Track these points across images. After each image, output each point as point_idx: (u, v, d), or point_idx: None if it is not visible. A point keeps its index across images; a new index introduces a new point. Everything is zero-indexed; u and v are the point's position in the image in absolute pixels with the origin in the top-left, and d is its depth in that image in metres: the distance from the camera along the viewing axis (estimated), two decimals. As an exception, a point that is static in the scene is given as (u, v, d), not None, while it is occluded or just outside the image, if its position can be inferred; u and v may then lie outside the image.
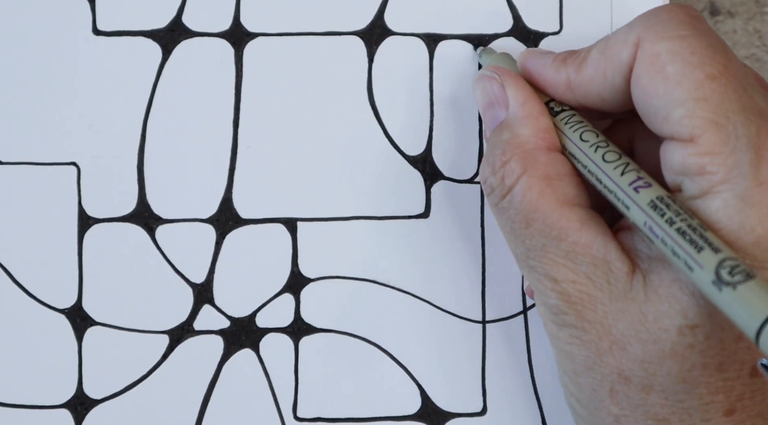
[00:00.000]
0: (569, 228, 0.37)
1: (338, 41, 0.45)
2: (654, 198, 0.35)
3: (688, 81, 0.35)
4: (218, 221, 0.45)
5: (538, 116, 0.40)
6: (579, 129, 0.39)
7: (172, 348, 0.45)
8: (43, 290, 0.45)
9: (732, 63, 0.36)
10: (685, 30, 0.37)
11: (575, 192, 0.38)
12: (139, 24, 0.45)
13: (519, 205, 0.38)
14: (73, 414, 0.45)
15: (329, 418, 0.45)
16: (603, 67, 0.38)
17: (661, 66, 0.36)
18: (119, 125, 0.45)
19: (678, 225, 0.34)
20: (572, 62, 0.40)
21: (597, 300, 0.37)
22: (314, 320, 0.45)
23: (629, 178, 0.36)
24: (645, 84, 0.36)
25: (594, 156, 0.38)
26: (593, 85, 0.39)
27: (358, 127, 0.45)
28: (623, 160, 0.37)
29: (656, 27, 0.37)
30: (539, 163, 0.39)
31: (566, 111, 0.40)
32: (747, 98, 0.35)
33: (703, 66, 0.36)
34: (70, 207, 0.45)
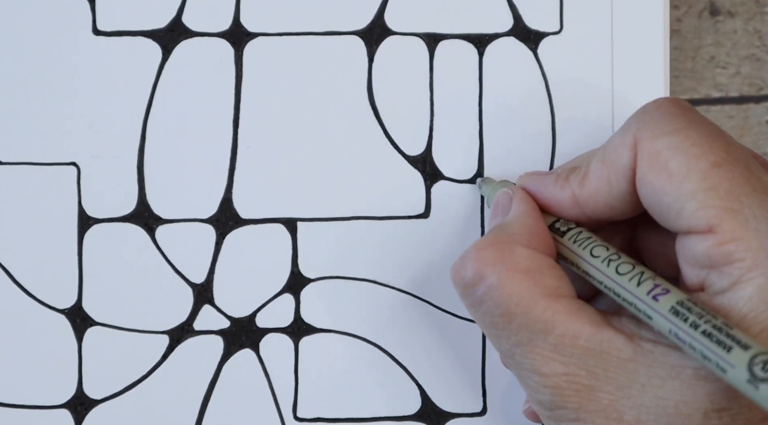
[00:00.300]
0: (555, 320, 0.36)
1: (338, 41, 0.45)
2: (674, 304, 0.35)
3: (694, 173, 0.35)
4: (218, 221, 0.45)
5: (530, 220, 0.39)
6: (588, 245, 0.38)
7: (172, 348, 0.45)
8: (43, 290, 0.45)
9: (732, 147, 0.36)
10: (680, 123, 0.36)
11: (558, 283, 0.38)
12: (139, 24, 0.45)
13: (498, 298, 0.37)
14: (73, 414, 0.45)
15: (329, 418, 0.45)
16: (606, 176, 0.38)
17: (663, 163, 0.36)
18: (119, 125, 0.45)
19: (703, 327, 0.34)
20: (575, 178, 0.39)
21: (597, 389, 0.36)
22: (314, 320, 0.45)
23: (646, 287, 0.36)
24: (651, 183, 0.36)
25: (607, 271, 0.37)
26: (600, 196, 0.38)
27: (358, 127, 0.45)
28: (637, 269, 0.36)
29: (650, 125, 0.37)
30: (518, 256, 0.38)
31: (572, 229, 0.39)
32: (755, 179, 0.35)
33: (706, 155, 0.35)
34: (70, 207, 0.45)
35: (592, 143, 0.46)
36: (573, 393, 0.36)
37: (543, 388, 0.37)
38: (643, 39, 0.46)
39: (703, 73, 0.50)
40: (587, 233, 0.39)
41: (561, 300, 0.37)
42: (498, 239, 0.38)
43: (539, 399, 0.37)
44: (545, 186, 0.40)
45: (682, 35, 0.50)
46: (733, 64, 0.50)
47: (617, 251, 0.38)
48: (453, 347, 0.45)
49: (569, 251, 0.39)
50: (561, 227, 0.40)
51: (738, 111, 0.50)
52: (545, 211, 0.40)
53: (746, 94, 0.50)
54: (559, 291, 0.37)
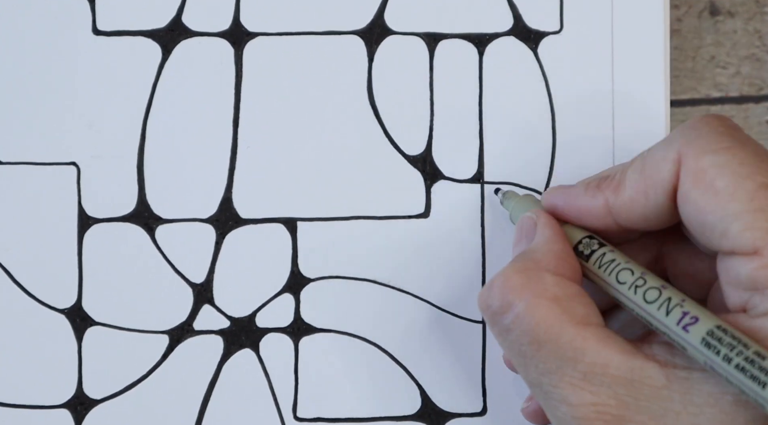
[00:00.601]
0: (585, 348, 0.36)
1: (338, 41, 0.45)
2: (704, 335, 0.34)
3: (741, 193, 0.35)
4: (218, 221, 0.45)
5: (556, 246, 0.39)
6: (614, 270, 0.38)
7: (172, 348, 0.45)
8: (43, 290, 0.45)
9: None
10: (727, 141, 0.36)
11: (586, 311, 0.37)
12: (139, 24, 0.45)
13: (526, 326, 0.37)
14: (73, 414, 0.45)
15: (329, 418, 0.45)
16: (644, 187, 0.37)
17: (710, 181, 0.35)
18: (119, 125, 0.45)
19: (735, 361, 0.33)
20: (608, 186, 0.39)
21: (628, 419, 0.35)
22: (314, 320, 0.45)
23: (675, 317, 0.35)
24: (695, 201, 0.36)
25: (635, 298, 0.37)
26: (635, 206, 0.38)
27: (357, 127, 0.45)
28: (664, 295, 0.36)
29: (697, 141, 0.36)
30: (546, 283, 0.37)
31: (596, 251, 0.39)
32: None
33: (754, 176, 0.35)
34: (70, 207, 0.45)
35: (592, 143, 0.46)
36: (602, 424, 0.36)
37: (571, 419, 0.36)
38: (643, 39, 0.46)
39: (703, 73, 0.50)
40: (611, 254, 0.38)
41: (590, 327, 0.37)
42: (525, 266, 0.38)
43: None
44: (575, 196, 0.40)
45: (682, 35, 0.50)
46: (733, 64, 0.50)
47: (643, 273, 0.37)
48: (453, 347, 0.45)
49: (596, 276, 0.39)
50: (585, 250, 0.39)
51: (738, 111, 0.50)
52: (574, 222, 0.40)
53: (746, 94, 0.50)
54: (587, 319, 0.37)
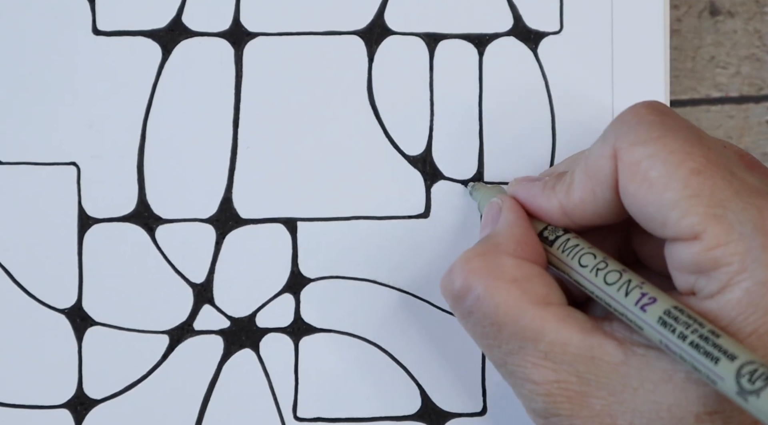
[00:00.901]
0: (545, 327, 0.37)
1: (338, 41, 0.45)
2: (661, 314, 0.35)
3: (674, 182, 0.35)
4: (218, 221, 0.45)
5: (517, 230, 0.39)
6: (576, 254, 0.38)
7: (172, 348, 0.45)
8: (43, 290, 0.45)
9: (713, 151, 0.36)
10: (657, 131, 0.36)
11: (546, 291, 0.38)
12: (139, 24, 0.45)
13: (486, 309, 0.37)
14: (73, 414, 0.45)
15: (329, 418, 0.45)
16: (590, 186, 0.38)
17: (643, 173, 0.36)
18: (119, 125, 0.45)
19: (690, 338, 0.34)
20: (561, 188, 0.39)
21: (589, 395, 0.36)
22: (314, 320, 0.45)
23: (634, 297, 0.36)
24: (633, 194, 0.36)
25: (596, 280, 0.37)
26: (586, 205, 0.38)
27: (358, 127, 0.45)
28: (624, 278, 0.37)
29: (628, 134, 0.37)
30: (504, 265, 0.38)
31: (560, 237, 0.39)
32: (737, 182, 0.35)
33: (685, 163, 0.35)
34: (70, 207, 0.45)
35: (592, 143, 0.46)
36: (565, 400, 0.36)
37: (536, 396, 0.37)
38: (643, 39, 0.46)
39: (703, 73, 0.50)
40: (575, 240, 0.39)
41: (550, 307, 0.37)
42: (484, 250, 0.38)
43: (533, 407, 0.37)
44: (533, 195, 0.40)
45: (682, 35, 0.50)
46: (733, 64, 0.50)
47: (605, 258, 0.38)
48: (453, 347, 0.45)
49: (558, 260, 0.39)
50: (549, 236, 0.40)
51: (738, 111, 0.50)
52: (535, 218, 0.40)
53: (746, 94, 0.50)
54: (547, 299, 0.37)
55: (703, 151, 0.36)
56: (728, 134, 0.50)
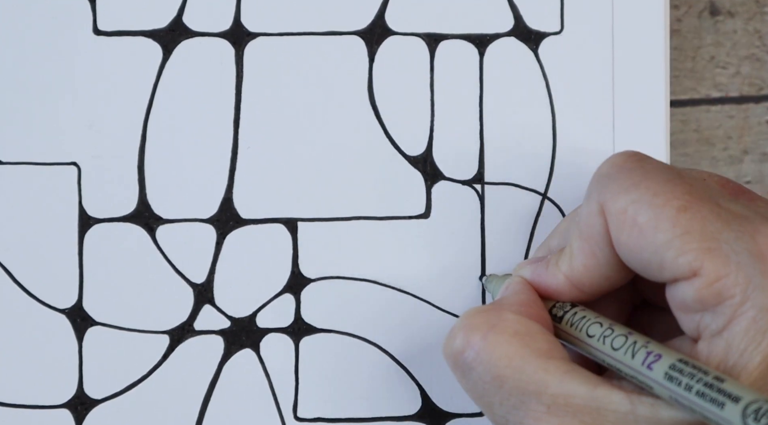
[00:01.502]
0: (548, 380, 0.36)
1: (339, 41, 0.45)
2: (667, 369, 0.35)
3: (663, 223, 0.35)
4: (218, 221, 0.45)
5: (522, 295, 0.39)
6: (584, 326, 0.38)
7: (173, 348, 0.45)
8: (43, 290, 0.45)
9: (694, 186, 0.36)
10: (637, 176, 0.36)
11: (549, 346, 0.37)
12: (139, 24, 0.45)
13: (488, 362, 0.37)
14: (74, 414, 0.45)
15: (329, 418, 0.45)
16: (589, 249, 0.38)
17: (631, 220, 0.36)
18: (119, 125, 0.45)
19: (696, 388, 0.34)
20: (563, 261, 0.39)
21: None
22: (314, 320, 0.45)
23: (640, 358, 0.36)
24: (626, 242, 0.36)
25: (604, 348, 0.37)
26: (592, 271, 0.38)
27: (358, 127, 0.45)
28: (630, 340, 0.37)
29: (610, 186, 0.36)
30: (507, 321, 0.37)
31: (568, 312, 0.39)
32: (725, 212, 0.35)
33: (670, 202, 0.35)
34: (70, 207, 0.45)
35: (593, 143, 0.46)
36: None
37: None
38: (643, 39, 0.46)
39: (703, 73, 0.50)
40: (582, 312, 0.39)
41: (552, 360, 0.37)
42: (486, 308, 0.38)
43: None
44: (539, 275, 0.40)
45: (682, 35, 0.50)
46: (733, 64, 0.50)
47: (611, 325, 0.38)
48: (453, 347, 0.45)
49: (567, 334, 0.39)
50: (558, 312, 0.40)
51: (738, 111, 0.50)
52: (545, 297, 0.40)
53: (746, 94, 0.50)
54: (550, 353, 0.37)
55: (686, 187, 0.36)
56: (728, 134, 0.50)
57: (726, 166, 0.50)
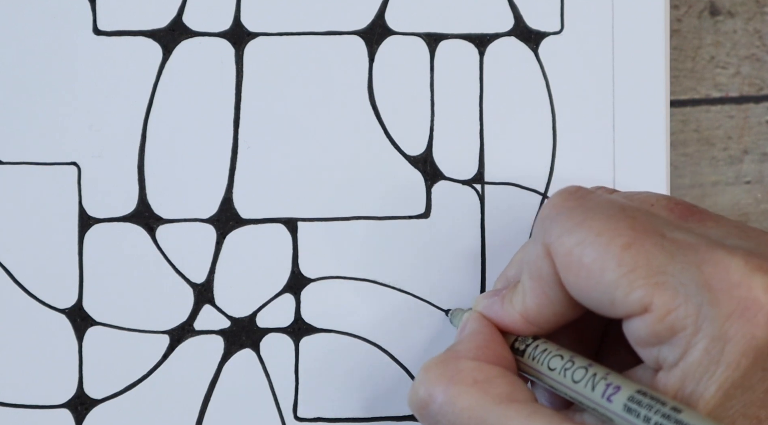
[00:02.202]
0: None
1: (339, 41, 0.45)
2: (626, 401, 0.35)
3: (608, 262, 0.35)
4: (218, 221, 0.45)
5: (479, 336, 0.39)
6: (545, 359, 0.38)
7: (173, 348, 0.45)
8: (43, 290, 0.45)
9: (637, 220, 0.36)
10: (578, 216, 0.36)
11: (510, 389, 0.37)
12: (139, 24, 0.45)
13: (451, 415, 0.37)
14: (74, 414, 0.45)
15: (329, 418, 0.45)
16: (540, 290, 0.38)
17: (578, 261, 0.36)
18: (119, 125, 0.45)
19: (654, 419, 0.34)
20: (517, 299, 0.39)
21: None
22: (314, 320, 0.45)
23: (600, 390, 0.36)
24: (575, 284, 0.36)
25: (565, 381, 0.37)
26: (545, 309, 0.38)
27: (358, 127, 0.45)
28: (590, 372, 0.37)
29: (553, 228, 0.36)
30: (465, 370, 0.38)
31: (529, 345, 0.39)
32: (669, 244, 0.35)
33: (613, 240, 0.35)
34: (70, 207, 0.45)
35: (593, 143, 0.46)
36: None
37: None
38: (643, 39, 0.46)
39: (703, 73, 0.50)
40: (543, 345, 0.39)
41: (513, 404, 0.37)
42: (444, 357, 0.38)
43: None
44: (496, 312, 0.40)
45: (682, 35, 0.50)
46: (733, 64, 0.50)
47: (572, 357, 0.38)
48: (453, 347, 0.45)
49: (530, 368, 0.39)
50: (520, 346, 0.40)
51: (738, 111, 0.50)
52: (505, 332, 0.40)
53: (746, 94, 0.50)
54: (511, 397, 0.37)
55: (629, 222, 0.36)
56: (728, 134, 0.50)
57: (726, 166, 0.50)
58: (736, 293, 0.34)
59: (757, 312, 0.34)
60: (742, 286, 0.34)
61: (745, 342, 0.34)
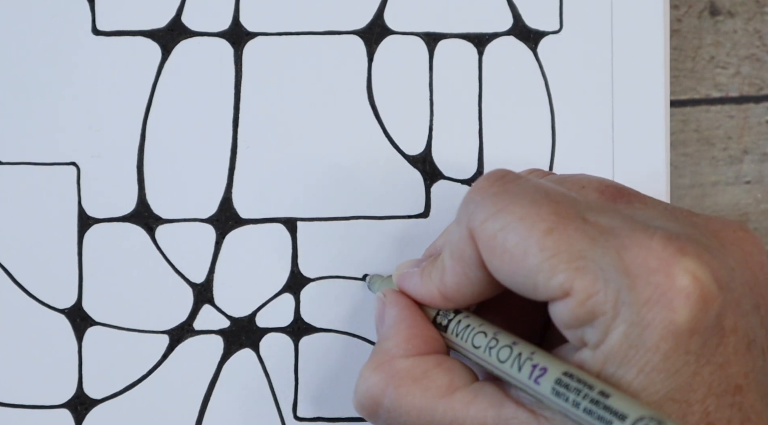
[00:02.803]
0: (457, 416, 0.37)
1: (338, 40, 0.45)
2: (553, 384, 0.35)
3: (530, 247, 0.35)
4: (218, 221, 0.45)
5: (404, 325, 0.39)
6: (469, 336, 0.38)
7: (172, 348, 0.45)
8: (43, 290, 0.45)
9: (561, 204, 0.36)
10: (502, 201, 0.36)
11: (449, 378, 0.38)
12: (138, 24, 0.45)
13: (400, 418, 0.38)
14: (74, 414, 0.45)
15: (329, 418, 0.45)
16: (461, 269, 0.38)
17: (501, 246, 0.36)
18: (119, 125, 0.45)
19: (583, 405, 0.34)
20: (435, 275, 0.39)
21: None
22: (314, 320, 0.45)
23: (526, 372, 0.36)
24: (498, 268, 0.36)
25: (491, 360, 0.37)
26: (464, 288, 0.38)
27: (357, 127, 0.45)
28: (515, 352, 0.36)
29: (477, 212, 0.37)
30: (401, 370, 0.38)
31: (452, 320, 0.39)
32: (591, 228, 0.35)
33: (536, 225, 0.35)
34: (69, 207, 0.45)
35: (592, 143, 0.46)
36: None
37: None
38: (643, 39, 0.46)
39: (703, 73, 0.50)
40: (466, 320, 0.39)
41: (456, 394, 0.37)
42: (379, 361, 0.39)
43: None
44: (414, 285, 0.40)
45: (682, 35, 0.50)
46: (733, 64, 0.50)
47: (495, 334, 0.38)
48: (453, 347, 0.45)
49: (455, 345, 0.39)
50: (442, 321, 0.40)
51: (738, 111, 0.50)
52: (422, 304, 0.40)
53: (746, 94, 0.50)
54: (452, 386, 0.38)
55: (552, 207, 0.36)
56: (728, 134, 0.50)
57: (726, 166, 0.50)
58: (654, 278, 0.34)
59: (674, 297, 0.34)
60: (660, 271, 0.34)
61: (663, 327, 0.34)
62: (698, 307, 0.34)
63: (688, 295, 0.34)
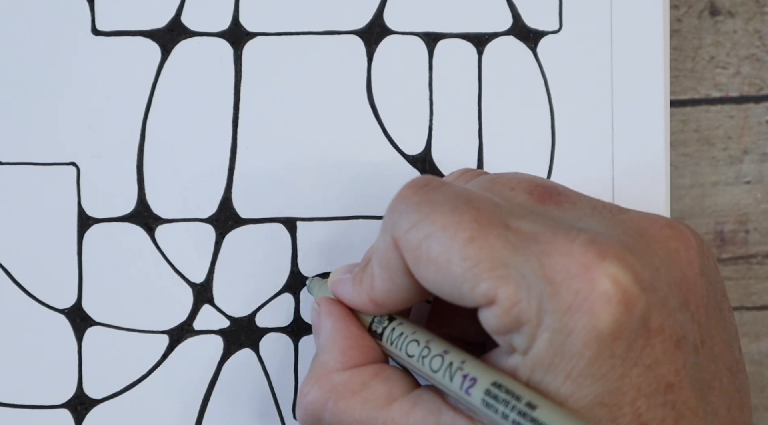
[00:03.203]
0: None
1: (337, 40, 0.45)
2: (483, 395, 0.35)
3: (453, 256, 0.35)
4: (218, 221, 0.45)
5: (339, 337, 0.39)
6: (403, 344, 0.38)
7: (172, 348, 0.45)
8: (43, 290, 0.45)
9: (482, 211, 0.36)
10: (425, 210, 0.36)
11: (387, 388, 0.38)
12: (138, 24, 0.45)
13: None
14: (73, 414, 0.45)
15: (329, 418, 0.45)
16: (389, 279, 0.38)
17: (425, 256, 0.36)
18: (119, 125, 0.45)
19: (511, 417, 0.34)
20: (366, 281, 0.39)
21: None
22: (314, 320, 0.45)
23: (458, 382, 0.36)
24: (424, 277, 0.36)
25: (424, 369, 0.37)
26: (393, 295, 0.38)
27: (357, 127, 0.45)
28: (446, 361, 0.36)
29: (400, 222, 0.36)
30: (337, 384, 0.38)
31: (386, 328, 0.39)
32: (513, 235, 0.35)
33: (457, 234, 0.35)
34: (69, 207, 0.45)
35: (592, 143, 0.46)
36: None
37: None
38: (643, 39, 0.46)
39: (703, 73, 0.50)
40: (399, 328, 0.39)
41: (394, 404, 0.38)
42: (316, 375, 0.39)
43: None
44: (347, 292, 0.40)
45: (682, 35, 0.50)
46: (733, 64, 0.50)
47: (428, 341, 0.37)
48: (453, 347, 0.45)
49: (393, 355, 0.39)
50: (377, 328, 0.39)
51: (738, 111, 0.50)
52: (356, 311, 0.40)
53: (746, 94, 0.50)
54: (391, 396, 0.38)
55: (473, 215, 0.35)
56: (728, 134, 0.50)
57: (726, 166, 0.50)
58: (575, 284, 0.34)
59: (595, 302, 0.34)
60: (580, 277, 0.34)
61: (586, 333, 0.33)
62: (620, 311, 0.34)
63: (609, 300, 0.34)
